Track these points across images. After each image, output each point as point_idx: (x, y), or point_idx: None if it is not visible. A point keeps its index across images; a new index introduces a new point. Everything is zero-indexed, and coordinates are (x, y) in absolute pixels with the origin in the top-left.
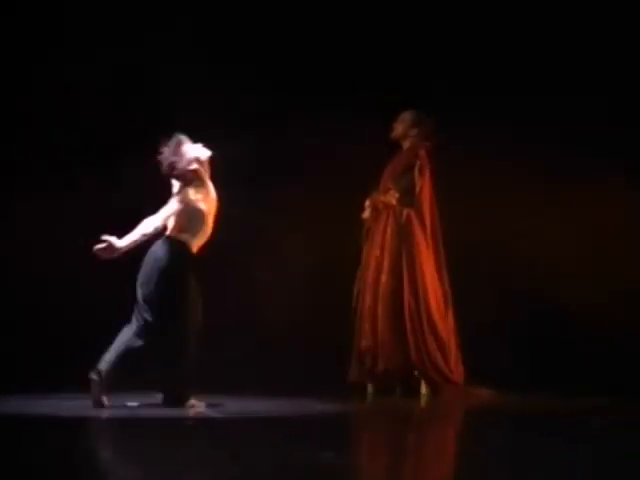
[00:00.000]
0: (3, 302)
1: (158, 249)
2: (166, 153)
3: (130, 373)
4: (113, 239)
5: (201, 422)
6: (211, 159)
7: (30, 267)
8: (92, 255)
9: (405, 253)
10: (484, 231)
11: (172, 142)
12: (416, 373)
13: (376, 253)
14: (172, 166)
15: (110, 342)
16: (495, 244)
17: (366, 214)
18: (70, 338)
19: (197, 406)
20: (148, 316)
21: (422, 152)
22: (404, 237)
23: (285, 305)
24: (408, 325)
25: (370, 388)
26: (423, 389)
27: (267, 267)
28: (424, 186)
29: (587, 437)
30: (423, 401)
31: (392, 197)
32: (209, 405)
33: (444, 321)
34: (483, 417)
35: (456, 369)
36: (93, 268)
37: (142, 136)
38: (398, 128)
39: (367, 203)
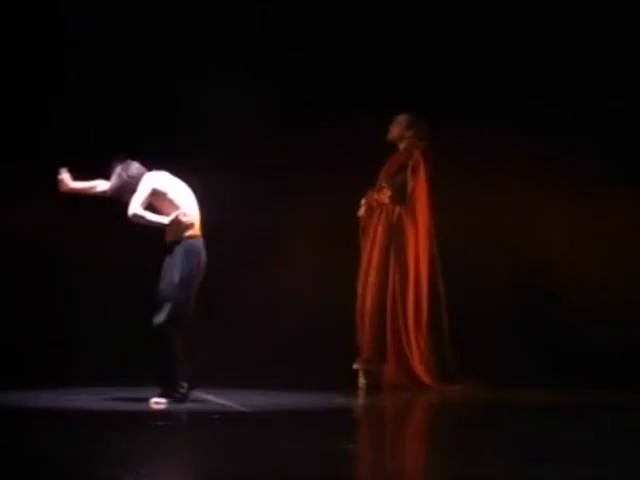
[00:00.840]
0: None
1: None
2: None
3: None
4: None
5: (227, 416)
6: None
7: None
8: None
9: (394, 250)
10: (485, 229)
11: None
12: (354, 366)
13: (368, 248)
14: None
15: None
16: (497, 240)
17: (361, 212)
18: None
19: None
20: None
21: (416, 152)
22: (395, 234)
23: (295, 305)
24: (388, 321)
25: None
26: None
27: (275, 267)
28: (417, 185)
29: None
30: (361, 395)
31: (385, 195)
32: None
33: (419, 321)
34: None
35: (421, 367)
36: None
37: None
38: (394, 130)
39: (362, 202)
